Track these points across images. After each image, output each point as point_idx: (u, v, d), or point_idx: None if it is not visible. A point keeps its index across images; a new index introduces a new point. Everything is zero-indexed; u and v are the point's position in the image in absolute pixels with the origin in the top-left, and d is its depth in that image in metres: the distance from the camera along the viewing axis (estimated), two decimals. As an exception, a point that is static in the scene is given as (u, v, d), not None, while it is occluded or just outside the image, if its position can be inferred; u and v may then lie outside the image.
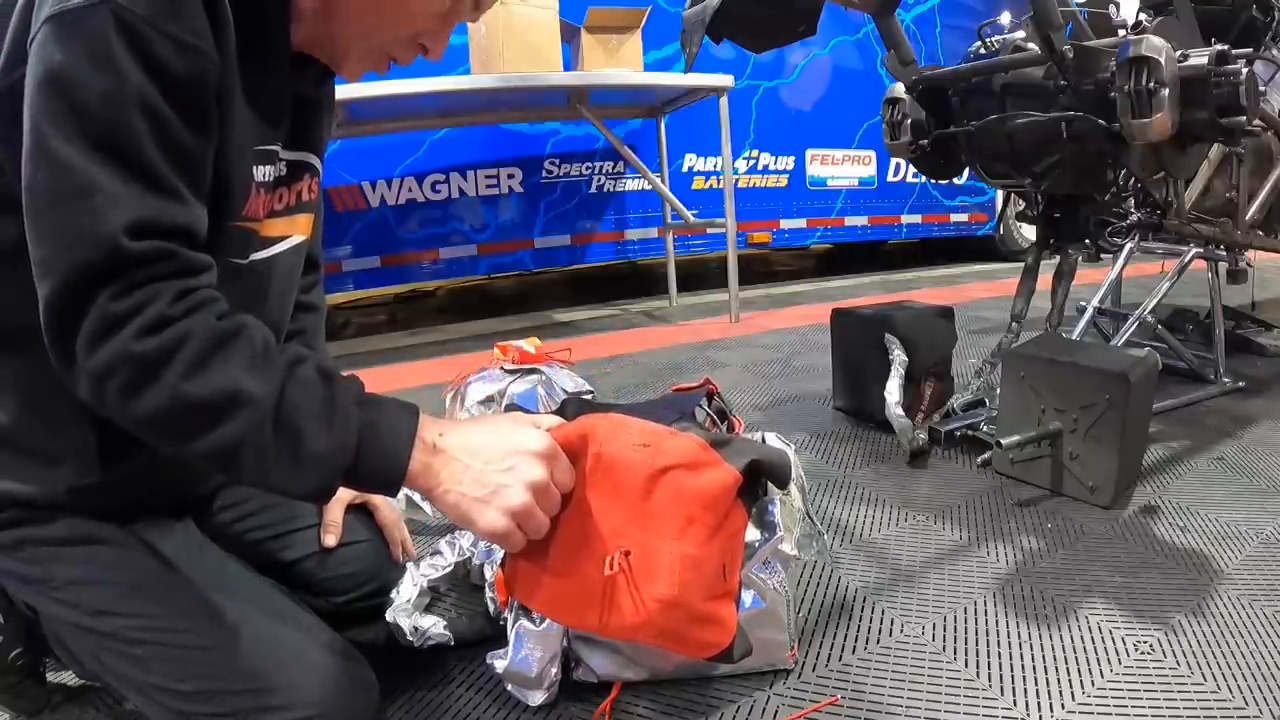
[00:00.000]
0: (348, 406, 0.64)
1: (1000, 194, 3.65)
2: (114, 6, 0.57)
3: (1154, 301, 1.86)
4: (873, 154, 4.98)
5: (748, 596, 0.91)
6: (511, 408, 1.41)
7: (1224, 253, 2.03)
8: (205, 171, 0.66)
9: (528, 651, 0.88)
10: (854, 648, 1.01)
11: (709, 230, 4.22)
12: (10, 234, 0.64)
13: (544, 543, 0.74)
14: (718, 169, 4.32)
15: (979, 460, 1.51)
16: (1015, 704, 0.89)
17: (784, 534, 0.91)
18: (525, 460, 0.69)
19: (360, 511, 1.05)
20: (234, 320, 0.64)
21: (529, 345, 1.54)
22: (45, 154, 0.58)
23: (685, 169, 4.34)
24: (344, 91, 2.80)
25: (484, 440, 0.69)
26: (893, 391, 1.67)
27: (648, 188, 4.08)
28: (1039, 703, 0.89)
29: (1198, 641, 0.98)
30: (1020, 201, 2.15)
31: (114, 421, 0.63)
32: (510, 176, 3.99)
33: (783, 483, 0.87)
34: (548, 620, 0.87)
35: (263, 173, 0.76)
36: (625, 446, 0.76)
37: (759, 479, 0.84)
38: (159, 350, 0.59)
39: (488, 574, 1.06)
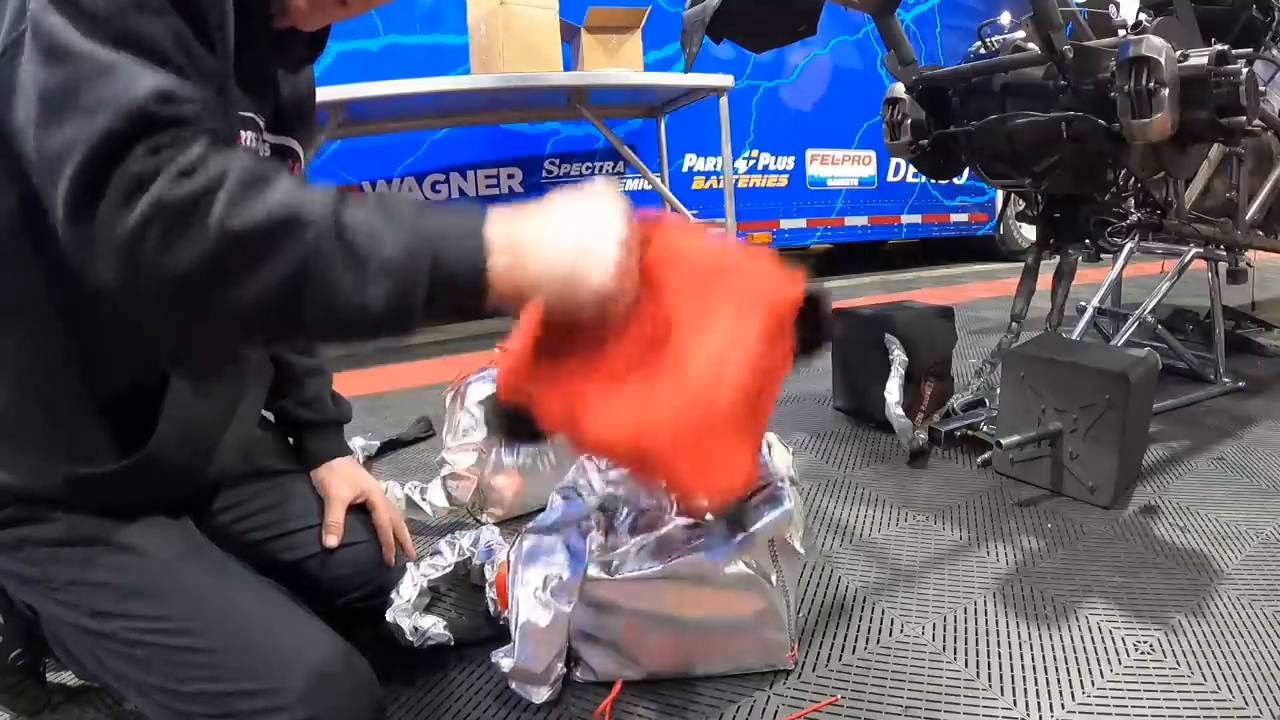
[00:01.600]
0: (409, 211, 0.58)
1: (1000, 194, 3.65)
2: None
3: (1154, 301, 1.86)
4: (873, 154, 4.98)
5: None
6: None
7: (1224, 253, 2.03)
8: (217, 88, 0.63)
9: (534, 649, 0.88)
10: (854, 648, 1.01)
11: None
12: (5, 205, 0.63)
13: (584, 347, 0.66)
14: (718, 169, 4.32)
15: (979, 460, 1.51)
16: (1015, 704, 0.89)
17: (793, 526, 0.91)
18: (611, 213, 0.62)
19: (360, 512, 1.05)
20: (271, 162, 0.61)
21: (529, 345, 1.53)
22: (60, 51, 0.55)
23: (685, 169, 4.34)
24: (345, 92, 2.80)
25: (560, 211, 0.61)
26: (893, 391, 1.67)
27: (648, 188, 4.08)
28: (1039, 703, 0.89)
29: (1198, 641, 0.98)
30: (1020, 201, 2.15)
31: (142, 328, 0.58)
32: (510, 176, 3.98)
33: (828, 323, 0.78)
34: (552, 617, 0.86)
35: (247, 138, 0.75)
36: (693, 239, 0.71)
37: (816, 312, 0.75)
38: (196, 191, 0.53)
39: (488, 574, 1.06)
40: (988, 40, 1.79)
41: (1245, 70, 1.37)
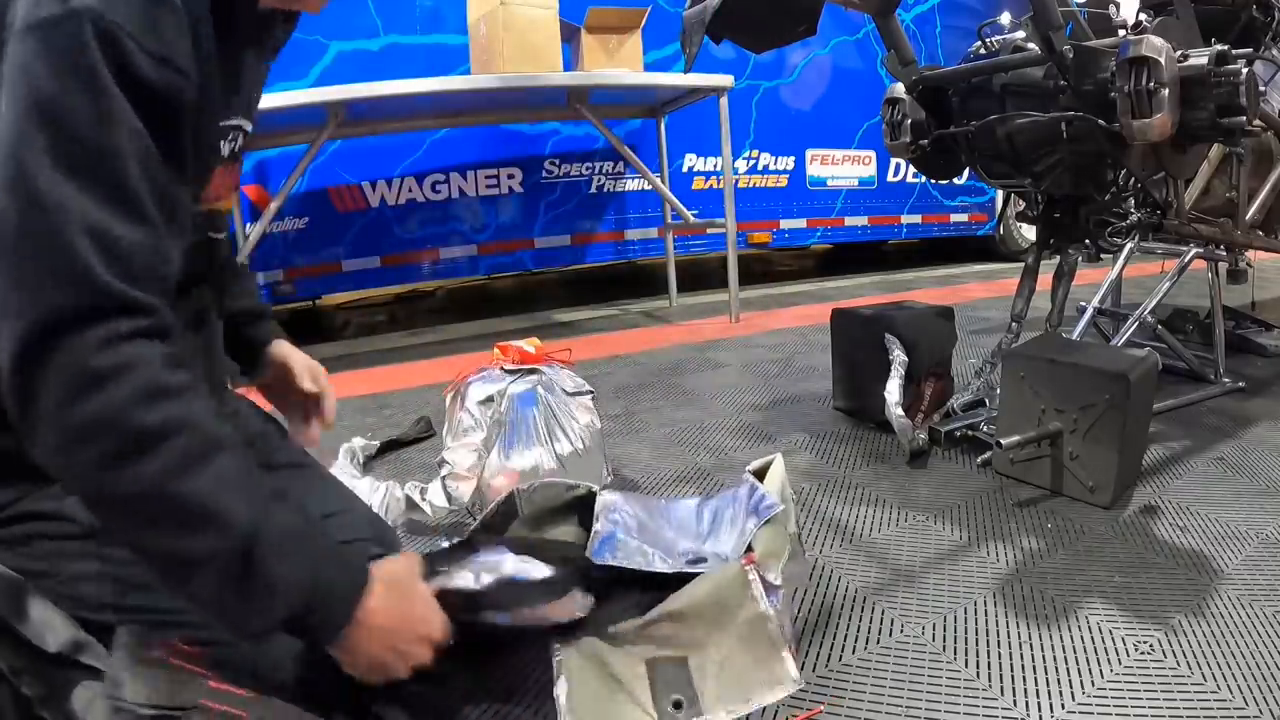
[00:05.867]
0: (311, 558, 0.65)
1: (1000, 194, 3.64)
2: (93, 16, 0.53)
3: (1154, 301, 1.86)
4: (873, 154, 4.98)
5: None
6: (511, 408, 1.41)
7: (1224, 253, 2.03)
8: (180, 197, 0.64)
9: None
10: (854, 648, 1.01)
11: (709, 230, 4.21)
12: None
13: None
14: (718, 169, 4.31)
15: (979, 460, 1.51)
16: (1015, 704, 0.89)
17: (773, 556, 0.87)
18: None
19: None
20: (225, 425, 0.62)
21: (529, 345, 1.54)
22: (19, 182, 0.53)
23: (685, 169, 4.34)
24: (345, 92, 2.80)
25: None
26: (893, 391, 1.67)
27: (648, 188, 4.08)
28: (1039, 703, 0.89)
29: (1198, 641, 0.98)
30: (1020, 201, 2.15)
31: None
32: (510, 176, 3.98)
33: None
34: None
35: (226, 149, 0.75)
36: None
37: None
38: (158, 430, 0.55)
39: (488, 575, 1.05)
40: (988, 40, 1.79)
41: (1245, 70, 1.37)
